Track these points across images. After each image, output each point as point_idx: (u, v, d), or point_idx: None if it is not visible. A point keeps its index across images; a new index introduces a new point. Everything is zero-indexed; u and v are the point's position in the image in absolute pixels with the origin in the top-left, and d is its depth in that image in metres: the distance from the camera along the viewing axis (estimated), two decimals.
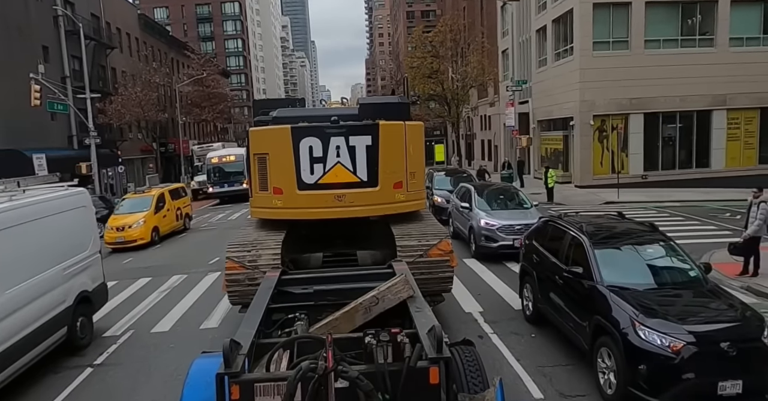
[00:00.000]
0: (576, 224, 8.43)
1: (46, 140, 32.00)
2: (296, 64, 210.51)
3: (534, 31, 34.62)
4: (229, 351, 3.94)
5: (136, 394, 7.44)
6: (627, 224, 8.87)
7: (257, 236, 8.38)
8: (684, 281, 7.43)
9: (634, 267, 7.48)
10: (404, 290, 5.50)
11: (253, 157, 8.54)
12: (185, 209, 23.12)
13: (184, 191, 23.61)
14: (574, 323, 7.55)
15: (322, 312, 5.89)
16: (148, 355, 8.81)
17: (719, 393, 5.92)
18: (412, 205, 8.69)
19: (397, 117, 8.46)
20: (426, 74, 37.66)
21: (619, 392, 6.32)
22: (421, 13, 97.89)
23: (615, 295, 6.77)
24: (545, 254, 8.85)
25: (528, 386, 6.94)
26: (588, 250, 7.58)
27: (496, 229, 13.29)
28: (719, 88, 28.99)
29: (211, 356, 4.89)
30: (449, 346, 4.55)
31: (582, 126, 28.65)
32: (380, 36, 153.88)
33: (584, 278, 7.35)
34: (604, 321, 6.68)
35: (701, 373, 5.95)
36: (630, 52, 28.32)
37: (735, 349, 5.98)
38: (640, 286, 6.99)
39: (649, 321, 6.23)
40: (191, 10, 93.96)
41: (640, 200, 24.70)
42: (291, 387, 3.71)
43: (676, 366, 5.97)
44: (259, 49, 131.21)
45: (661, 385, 6.00)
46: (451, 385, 4.22)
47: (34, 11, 32.38)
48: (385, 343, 4.23)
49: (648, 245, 7.95)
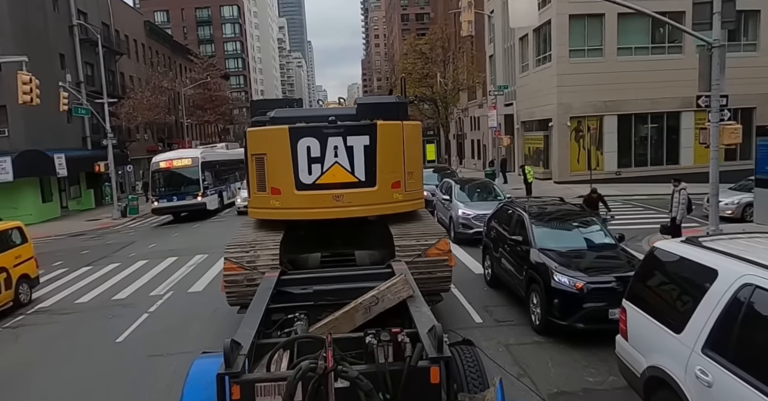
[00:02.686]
0: (522, 205, 10.95)
1: (63, 141, 34.26)
2: (293, 64, 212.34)
3: (517, 39, 37.13)
4: (230, 351, 3.96)
5: (187, 328, 10.05)
6: (563, 206, 11.44)
7: (255, 237, 8.43)
8: (598, 245, 9.84)
9: (561, 236, 9.98)
10: (404, 289, 5.54)
11: (251, 157, 8.61)
12: (19, 268, 12.79)
13: (20, 235, 13.22)
14: (515, 277, 10.01)
15: (322, 312, 5.90)
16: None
17: (610, 317, 8.06)
18: (410, 205, 8.81)
19: (394, 117, 8.56)
20: (417, 78, 40.18)
21: (542, 321, 8.78)
22: (415, 16, 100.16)
23: (542, 254, 9.21)
24: (500, 230, 11.26)
25: (473, 317, 9.56)
26: (527, 223, 10.04)
27: (471, 218, 15.73)
28: (687, 91, 31.05)
29: (211, 356, 4.97)
30: (449, 346, 4.56)
31: (560, 127, 31.16)
32: (376, 37, 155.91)
33: (524, 244, 9.79)
34: (534, 273, 9.14)
35: (596, 303, 8.26)
36: (604, 58, 30.79)
37: (621, 287, 8.07)
38: (563, 248, 9.39)
39: (562, 269, 8.65)
40: (191, 13, 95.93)
41: (611, 193, 27.05)
42: (291, 387, 3.73)
43: (579, 298, 8.32)
44: (257, 50, 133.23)
45: (569, 312, 8.40)
46: (451, 385, 4.25)
47: (52, 22, 34.71)
48: (385, 343, 4.21)
49: (575, 221, 10.50)
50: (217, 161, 31.05)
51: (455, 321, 9.25)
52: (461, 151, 56.62)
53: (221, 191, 30.68)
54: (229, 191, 31.93)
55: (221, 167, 31.46)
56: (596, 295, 8.30)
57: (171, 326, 10.27)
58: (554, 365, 7.62)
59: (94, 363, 8.75)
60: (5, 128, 30.49)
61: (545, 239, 9.66)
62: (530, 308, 9.23)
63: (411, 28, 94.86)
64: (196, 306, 11.45)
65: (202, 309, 11.10)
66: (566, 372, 7.38)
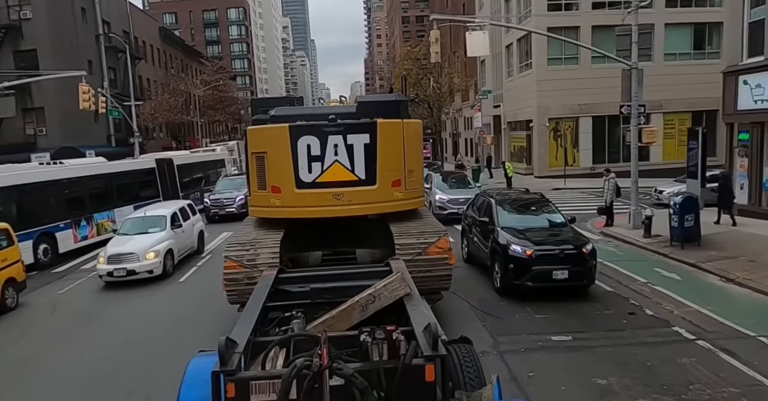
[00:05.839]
0: (491, 194, 13.59)
1: (91, 139, 37.82)
2: (296, 63, 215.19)
3: (504, 47, 40.61)
4: (225, 349, 3.95)
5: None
6: (526, 195, 13.72)
7: (256, 235, 8.40)
8: (551, 225, 12.07)
9: (521, 218, 12.21)
10: (401, 288, 5.55)
11: (251, 156, 8.58)
12: (5, 272, 12.35)
13: (6, 238, 12.67)
14: (482, 251, 12.32)
15: (319, 310, 5.89)
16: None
17: (553, 277, 10.45)
18: (410, 203, 8.80)
19: (395, 115, 8.56)
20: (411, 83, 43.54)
21: (502, 284, 11.03)
22: (415, 18, 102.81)
23: (503, 231, 11.42)
24: (474, 216, 13.41)
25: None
26: (493, 207, 12.30)
27: (446, 201, 19.32)
28: (656, 95, 34.64)
29: (208, 354, 4.92)
30: (446, 344, 4.59)
31: (539, 127, 34.64)
32: (378, 37, 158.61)
33: (490, 224, 11.99)
34: (496, 245, 11.33)
35: (542, 266, 10.46)
36: (579, 66, 34.20)
37: (563, 254, 10.60)
38: (521, 226, 11.59)
39: (516, 241, 10.92)
40: (199, 15, 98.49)
41: (582, 186, 30.66)
42: (286, 385, 3.72)
43: (528, 262, 10.50)
44: (262, 50, 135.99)
45: (521, 274, 10.58)
46: (447, 383, 4.25)
47: (82, 32, 38.34)
48: (380, 341, 4.20)
49: (533, 206, 12.97)
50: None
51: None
52: (456, 148, 60.14)
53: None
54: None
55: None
56: (542, 260, 10.52)
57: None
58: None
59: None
60: (43, 128, 34.22)
61: (506, 220, 11.90)
62: (493, 274, 11.51)
63: (411, 31, 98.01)
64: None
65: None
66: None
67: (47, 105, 33.27)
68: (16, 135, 33.60)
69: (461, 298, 10.00)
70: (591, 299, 10.72)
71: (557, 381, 7.31)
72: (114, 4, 43.55)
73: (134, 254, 13.68)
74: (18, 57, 33.61)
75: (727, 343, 8.22)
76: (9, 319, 11.83)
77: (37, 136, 34.22)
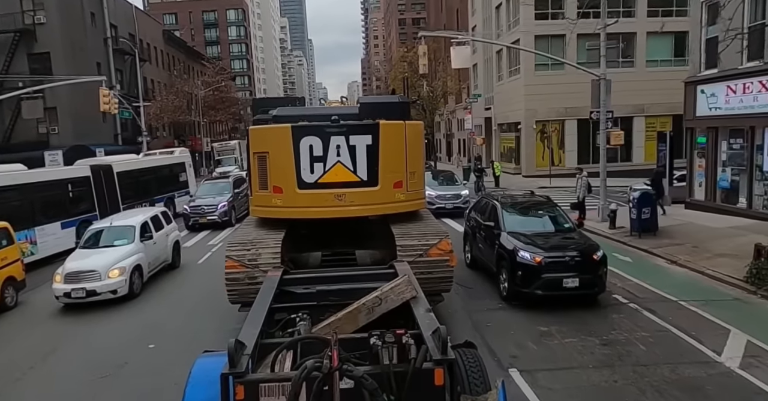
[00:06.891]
0: (495, 196, 13.04)
1: (99, 137, 39.54)
2: (294, 63, 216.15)
3: (495, 52, 42.56)
4: (234, 351, 3.94)
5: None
6: (532, 198, 13.06)
7: (257, 235, 8.37)
8: (558, 229, 11.42)
9: (527, 222, 11.59)
10: (407, 290, 5.53)
11: (253, 155, 8.56)
12: (4, 271, 12.24)
13: (6, 236, 12.51)
14: (488, 256, 11.64)
15: (325, 312, 5.87)
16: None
17: (564, 285, 9.76)
18: (411, 204, 8.78)
19: (397, 117, 8.57)
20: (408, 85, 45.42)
21: (509, 292, 10.39)
22: (412, 20, 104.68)
23: (510, 236, 10.74)
24: (478, 219, 12.67)
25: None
26: (499, 211, 11.63)
27: (434, 197, 21.10)
28: (639, 99, 36.68)
29: (213, 355, 4.91)
30: (452, 348, 4.57)
31: (527, 129, 36.58)
32: (375, 38, 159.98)
33: (496, 228, 11.32)
34: (502, 251, 10.59)
35: (552, 273, 9.75)
36: (565, 71, 35.90)
37: (574, 261, 9.86)
38: (528, 231, 10.96)
39: (524, 247, 10.22)
40: (198, 16, 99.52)
41: (567, 185, 32.52)
42: (296, 386, 3.71)
43: (538, 270, 9.78)
44: (260, 50, 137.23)
45: (530, 282, 9.87)
46: (455, 387, 4.32)
47: (91, 36, 40.09)
48: (390, 344, 4.20)
49: (540, 210, 12.20)
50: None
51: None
52: (450, 149, 62.12)
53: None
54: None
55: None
56: (552, 267, 9.85)
57: None
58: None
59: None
60: (55, 126, 35.98)
61: (513, 224, 11.26)
62: (500, 280, 10.79)
63: (408, 33, 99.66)
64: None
65: None
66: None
67: (60, 105, 35.04)
68: (29, 134, 35.34)
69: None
70: None
71: (508, 328, 9.32)
72: (120, 8, 45.29)
73: (95, 272, 11.67)
74: (32, 59, 35.39)
75: (652, 305, 10.16)
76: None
77: (50, 135, 35.97)
